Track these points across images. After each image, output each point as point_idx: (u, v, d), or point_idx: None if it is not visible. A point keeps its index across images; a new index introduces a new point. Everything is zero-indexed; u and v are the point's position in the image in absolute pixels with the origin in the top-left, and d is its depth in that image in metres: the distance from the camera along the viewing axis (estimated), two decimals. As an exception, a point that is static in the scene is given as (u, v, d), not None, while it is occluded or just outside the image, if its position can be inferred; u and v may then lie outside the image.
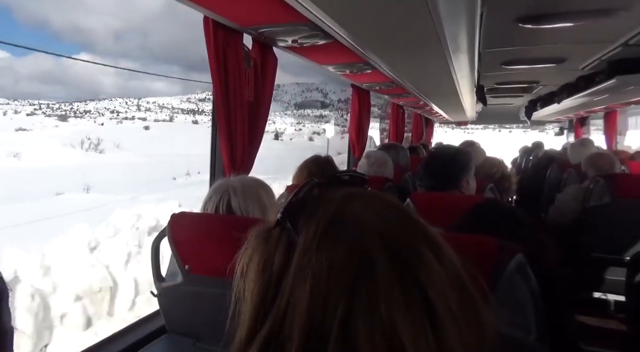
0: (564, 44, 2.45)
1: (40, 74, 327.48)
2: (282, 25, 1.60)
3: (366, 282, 0.41)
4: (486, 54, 2.56)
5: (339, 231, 0.44)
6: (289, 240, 0.46)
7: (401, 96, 4.08)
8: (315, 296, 0.41)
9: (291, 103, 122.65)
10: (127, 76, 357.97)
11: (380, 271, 0.41)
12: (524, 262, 0.86)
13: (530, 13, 1.89)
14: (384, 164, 2.39)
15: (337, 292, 0.40)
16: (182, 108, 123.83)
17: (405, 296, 0.40)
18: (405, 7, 1.34)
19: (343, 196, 0.48)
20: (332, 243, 0.43)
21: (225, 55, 1.63)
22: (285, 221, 0.47)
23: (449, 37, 1.67)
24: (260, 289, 0.46)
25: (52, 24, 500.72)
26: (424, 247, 0.44)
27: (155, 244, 1.28)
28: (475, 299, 0.45)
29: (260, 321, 0.44)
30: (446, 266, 0.44)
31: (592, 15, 1.85)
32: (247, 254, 0.49)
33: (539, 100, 5.21)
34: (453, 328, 0.41)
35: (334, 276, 0.41)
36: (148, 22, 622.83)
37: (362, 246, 0.42)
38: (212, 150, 1.86)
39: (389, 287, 0.40)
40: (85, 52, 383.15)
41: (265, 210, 1.30)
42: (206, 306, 1.21)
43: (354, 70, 2.54)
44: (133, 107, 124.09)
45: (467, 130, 9.55)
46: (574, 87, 3.60)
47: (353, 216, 0.45)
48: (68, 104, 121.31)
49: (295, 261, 0.44)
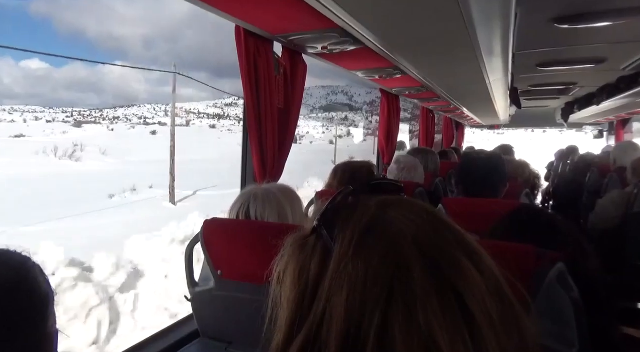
0: (602, 44, 2.36)
1: (76, 82, 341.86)
2: (311, 32, 1.61)
3: (403, 289, 0.41)
4: (520, 56, 2.50)
5: (374, 238, 0.44)
6: (325, 247, 0.46)
7: (431, 100, 4.03)
8: (352, 303, 0.41)
9: (316, 106, 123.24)
10: (156, 83, 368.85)
11: (417, 278, 0.41)
12: (564, 271, 0.82)
13: (566, 13, 1.83)
14: (414, 169, 2.36)
15: (374, 299, 0.41)
16: (208, 113, 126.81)
17: (443, 303, 0.40)
18: (436, 11, 1.32)
19: (378, 204, 0.48)
20: (368, 250, 0.43)
21: (256, 63, 1.65)
22: (322, 228, 0.47)
23: (481, 40, 1.63)
24: (297, 296, 0.46)
25: (88, 33, 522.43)
26: (461, 254, 0.44)
27: (189, 249, 1.30)
28: (515, 308, 0.44)
29: (297, 327, 0.45)
30: (484, 274, 0.43)
31: (632, 13, 1.77)
32: (283, 261, 0.50)
33: (577, 102, 5.03)
34: (492, 336, 0.40)
35: (370, 283, 0.41)
36: (177, 29, 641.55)
37: (398, 253, 0.43)
38: (243, 157, 1.89)
39: (426, 294, 0.40)
40: (119, 59, 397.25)
41: (284, 216, 1.30)
42: (238, 311, 1.23)
43: (383, 75, 2.52)
44: (161, 112, 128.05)
45: (497, 131, 9.28)
46: (615, 88, 3.45)
47: (388, 223, 0.45)
48: (99, 110, 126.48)
49: (331, 268, 0.44)
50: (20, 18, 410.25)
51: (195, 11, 28.46)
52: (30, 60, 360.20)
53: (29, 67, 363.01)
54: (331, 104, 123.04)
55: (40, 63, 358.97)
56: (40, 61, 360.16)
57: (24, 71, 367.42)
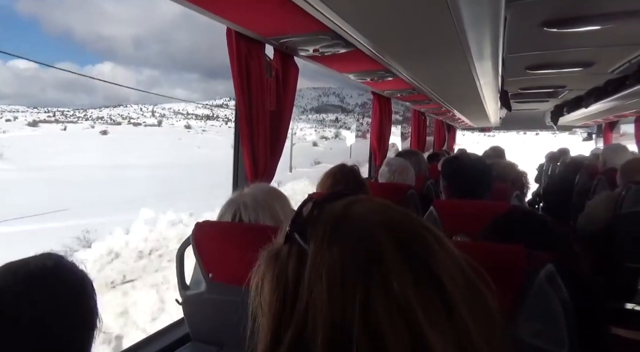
0: (591, 48, 2.39)
1: (66, 83, 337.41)
2: (303, 34, 1.61)
3: (378, 265, 0.43)
4: (510, 59, 2.52)
5: (346, 228, 0.47)
6: (300, 249, 0.48)
7: (423, 103, 4.05)
8: (333, 287, 0.43)
9: (307, 108, 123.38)
10: (147, 84, 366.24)
11: (389, 255, 0.44)
12: (554, 272, 0.83)
13: (556, 17, 1.85)
14: (406, 171, 2.37)
15: (353, 279, 0.43)
16: (197, 114, 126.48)
17: (415, 274, 0.43)
18: (427, 13, 1.33)
19: (344, 203, 0.51)
20: (341, 238, 0.46)
21: (248, 65, 1.65)
22: (293, 233, 0.50)
23: (472, 42, 1.65)
24: (277, 299, 0.48)
25: (76, 34, 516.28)
26: (427, 233, 0.47)
27: (180, 252, 1.29)
28: (478, 284, 0.47)
29: (283, 328, 0.47)
30: (448, 252, 0.47)
31: (619, 17, 1.80)
32: (259, 272, 0.53)
33: (566, 105, 5.09)
34: (463, 304, 0.43)
35: (347, 265, 0.44)
36: (168, 29, 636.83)
37: (370, 236, 0.46)
38: (234, 160, 1.88)
39: (399, 268, 0.43)
40: (108, 60, 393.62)
41: (278, 219, 1.30)
42: (229, 314, 1.21)
43: (375, 78, 2.53)
44: (148, 113, 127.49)
45: (488, 134, 9.30)
46: (603, 91, 3.50)
47: (357, 215, 0.49)
48: (82, 110, 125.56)
49: (309, 263, 0.46)
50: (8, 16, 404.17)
51: (187, 12, 29.05)
52: (18, 59, 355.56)
53: (17, 66, 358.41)
54: (323, 106, 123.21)
55: (28, 63, 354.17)
56: (29, 61, 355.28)
57: (11, 71, 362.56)
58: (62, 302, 0.69)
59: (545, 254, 0.84)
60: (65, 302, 0.69)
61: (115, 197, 20.34)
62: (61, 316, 0.68)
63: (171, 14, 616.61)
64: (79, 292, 0.73)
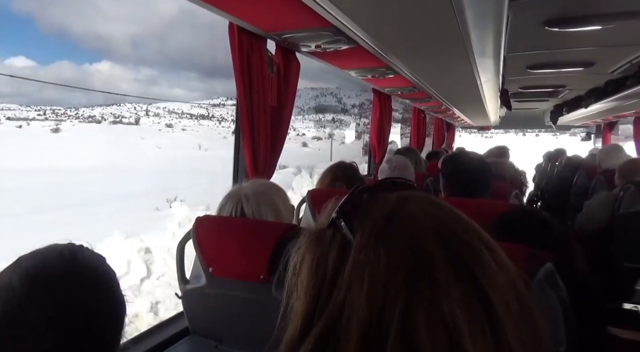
0: (592, 48, 2.39)
1: (63, 81, 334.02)
2: (305, 30, 1.61)
3: (425, 276, 0.41)
4: (511, 58, 2.52)
5: (395, 228, 0.45)
6: (344, 239, 0.46)
7: (423, 101, 4.05)
8: (374, 291, 0.41)
9: (304, 108, 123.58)
10: (146, 83, 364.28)
11: (439, 267, 0.41)
12: (553, 271, 0.83)
13: (557, 16, 1.86)
14: (406, 168, 2.38)
15: (396, 286, 0.41)
16: (191, 113, 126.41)
17: (465, 292, 0.40)
18: (431, 11, 1.33)
19: (398, 197, 0.49)
20: (389, 239, 0.44)
21: (250, 60, 1.65)
22: (340, 220, 0.48)
23: (474, 41, 1.65)
24: (314, 286, 0.46)
25: (73, 32, 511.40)
26: (480, 246, 0.44)
27: (181, 246, 1.30)
28: (529, 300, 0.44)
29: (315, 317, 0.45)
30: (503, 268, 0.44)
31: (621, 17, 1.80)
32: (299, 253, 0.50)
33: (565, 104, 5.10)
34: (511, 327, 0.41)
35: (393, 270, 0.42)
36: (166, 28, 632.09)
37: (419, 242, 0.43)
38: (235, 155, 1.88)
39: (449, 282, 0.41)
40: (105, 58, 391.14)
41: (279, 213, 1.30)
42: (229, 308, 1.22)
43: (376, 74, 2.53)
44: (142, 112, 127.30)
45: (485, 134, 9.25)
46: (603, 91, 3.51)
47: (409, 215, 0.46)
48: (74, 109, 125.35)
49: (351, 258, 0.44)
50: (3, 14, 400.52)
51: (185, 10, 27.45)
52: (15, 58, 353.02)
53: (14, 65, 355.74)
54: (320, 106, 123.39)
55: (26, 61, 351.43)
56: (27, 59, 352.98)
57: (9, 70, 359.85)
58: (83, 296, 0.66)
59: (545, 253, 0.84)
60: (90, 290, 0.67)
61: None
62: (83, 309, 0.65)
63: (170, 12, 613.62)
64: (102, 279, 0.70)
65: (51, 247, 0.69)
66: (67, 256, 0.68)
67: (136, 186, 19.43)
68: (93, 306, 0.67)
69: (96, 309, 0.67)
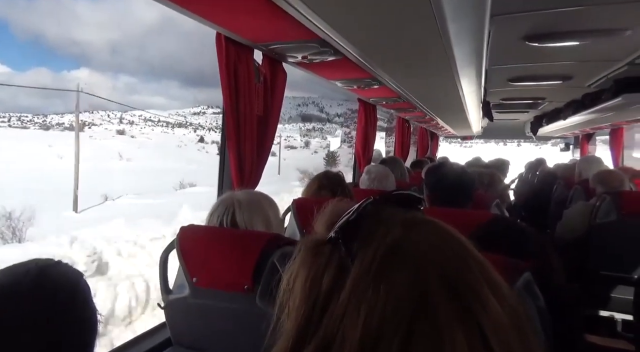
0: (570, 62, 2.47)
1: (39, 88, 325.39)
2: (292, 41, 1.63)
3: (426, 320, 0.39)
4: (493, 71, 2.59)
5: (397, 263, 0.42)
6: (342, 262, 0.44)
7: (407, 111, 4.11)
8: (369, 329, 0.40)
9: (285, 117, 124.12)
10: (126, 90, 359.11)
11: (442, 310, 0.39)
12: (531, 280, 0.86)
13: (537, 31, 1.91)
14: (385, 178, 2.40)
15: (394, 326, 0.39)
16: (168, 121, 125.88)
17: (467, 338, 0.39)
18: (414, 26, 1.36)
19: (403, 223, 0.46)
20: (390, 275, 0.42)
21: (237, 70, 1.65)
22: (339, 240, 0.46)
23: (457, 54, 1.69)
24: (306, 309, 0.45)
25: (48, 38, 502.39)
26: (484, 286, 0.42)
27: (164, 256, 1.29)
28: (531, 339, 0.43)
29: (306, 339, 0.43)
30: (505, 306, 0.42)
31: (597, 34, 1.87)
32: (294, 266, 0.48)
33: (545, 116, 5.22)
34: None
35: (391, 310, 0.40)
36: (146, 35, 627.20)
37: (422, 282, 0.41)
38: (220, 164, 1.88)
39: (451, 327, 0.39)
40: (83, 65, 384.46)
41: (269, 224, 1.31)
42: (213, 318, 1.22)
43: (361, 85, 2.56)
44: (115, 119, 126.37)
45: (465, 144, 9.36)
46: (580, 104, 3.61)
47: (413, 248, 0.44)
48: (42, 116, 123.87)
49: (348, 287, 0.42)
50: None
51: (166, 17, 27.07)
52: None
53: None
54: (301, 115, 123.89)
55: (0, 66, 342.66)
56: (1, 65, 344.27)
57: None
58: (51, 312, 0.65)
59: (523, 263, 0.87)
60: (54, 311, 0.65)
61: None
62: (51, 324, 0.64)
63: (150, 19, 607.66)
64: (71, 298, 0.68)
65: (21, 263, 0.68)
66: (33, 273, 0.66)
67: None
68: (58, 323, 0.65)
69: (61, 326, 0.65)
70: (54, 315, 0.65)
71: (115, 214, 13.24)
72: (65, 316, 0.67)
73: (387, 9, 1.21)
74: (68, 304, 0.67)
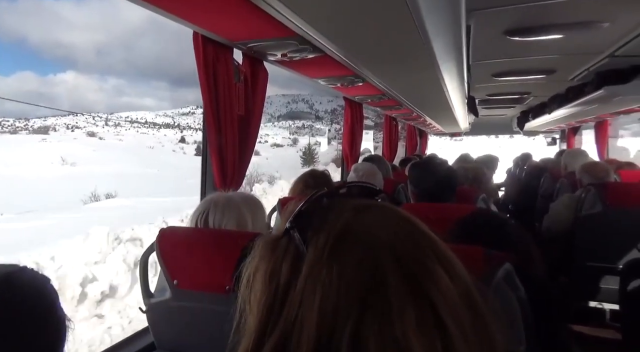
0: (552, 56, 2.48)
1: (24, 93, 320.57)
2: (271, 39, 1.61)
3: (378, 298, 0.40)
4: (476, 66, 2.59)
5: (349, 243, 0.43)
6: (297, 250, 0.45)
7: (393, 108, 4.11)
8: (325, 309, 0.40)
9: (275, 115, 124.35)
10: (113, 93, 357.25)
11: (393, 288, 0.40)
12: (512, 271, 0.85)
13: (518, 26, 1.92)
14: (373, 175, 2.40)
15: (347, 306, 0.40)
16: (155, 122, 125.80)
17: (418, 314, 0.39)
18: (390, 21, 1.36)
19: (354, 207, 0.47)
20: (342, 256, 0.42)
21: (215, 70, 1.64)
22: (294, 230, 0.46)
23: (437, 50, 1.69)
24: (267, 300, 0.45)
25: (32, 40, 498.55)
26: (435, 263, 0.43)
27: (144, 259, 1.27)
28: (487, 320, 0.44)
29: (268, 333, 0.44)
30: (457, 283, 0.43)
31: (577, 27, 1.88)
32: (253, 263, 0.48)
33: (531, 111, 5.26)
34: (464, 347, 0.40)
35: (344, 289, 0.41)
36: (134, 36, 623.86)
37: (373, 261, 0.42)
38: (202, 165, 1.86)
39: (402, 304, 0.40)
40: (69, 68, 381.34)
41: (244, 225, 1.29)
42: (196, 321, 1.20)
43: (344, 83, 2.55)
44: (101, 122, 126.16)
45: (457, 138, 9.39)
46: (564, 98, 3.64)
47: (364, 229, 0.45)
48: (24, 120, 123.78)
49: (303, 273, 0.43)
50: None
51: (152, 18, 26.96)
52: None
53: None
54: (291, 112, 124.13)
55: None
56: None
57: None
58: (17, 318, 0.63)
59: (503, 254, 0.86)
60: (20, 317, 0.64)
61: None
62: (16, 330, 0.63)
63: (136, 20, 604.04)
64: (38, 304, 0.67)
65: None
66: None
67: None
68: (25, 329, 0.64)
69: (28, 333, 0.64)
70: (20, 321, 0.64)
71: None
72: (32, 322, 0.65)
73: (361, 3, 1.20)
74: (35, 310, 0.66)
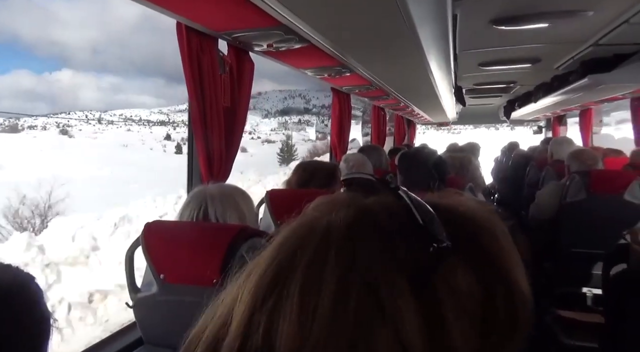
0: (538, 45, 2.49)
1: (22, 92, 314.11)
2: (256, 29, 1.59)
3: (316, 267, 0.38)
4: (463, 56, 2.59)
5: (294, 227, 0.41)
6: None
7: (381, 98, 4.10)
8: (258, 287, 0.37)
9: (272, 111, 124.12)
10: (110, 90, 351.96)
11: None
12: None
13: (503, 15, 1.92)
14: (363, 166, 2.40)
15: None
16: (150, 119, 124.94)
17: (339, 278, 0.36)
18: (376, 10, 1.34)
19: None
20: (285, 237, 0.40)
21: (200, 61, 1.61)
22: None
23: (422, 38, 1.68)
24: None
25: (25, 38, 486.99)
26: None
27: (129, 253, 1.26)
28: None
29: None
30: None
31: (563, 16, 1.89)
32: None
33: (517, 100, 5.30)
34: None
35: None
36: (128, 33, 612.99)
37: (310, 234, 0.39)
38: (189, 158, 1.84)
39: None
40: (62, 66, 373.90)
41: (243, 217, 1.28)
42: (183, 315, 1.19)
43: (332, 73, 2.54)
44: (94, 120, 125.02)
45: (454, 130, 9.40)
46: (550, 87, 3.67)
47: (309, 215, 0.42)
48: (14, 118, 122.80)
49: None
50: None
51: (148, 14, 26.32)
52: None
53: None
54: (287, 108, 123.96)
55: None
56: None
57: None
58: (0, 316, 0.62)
59: None
60: (3, 315, 0.62)
61: None
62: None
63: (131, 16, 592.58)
64: (21, 302, 0.66)
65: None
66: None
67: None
68: (8, 327, 0.63)
69: (11, 331, 0.63)
70: (3, 319, 0.62)
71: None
72: (16, 320, 0.64)
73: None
74: (18, 308, 0.65)
